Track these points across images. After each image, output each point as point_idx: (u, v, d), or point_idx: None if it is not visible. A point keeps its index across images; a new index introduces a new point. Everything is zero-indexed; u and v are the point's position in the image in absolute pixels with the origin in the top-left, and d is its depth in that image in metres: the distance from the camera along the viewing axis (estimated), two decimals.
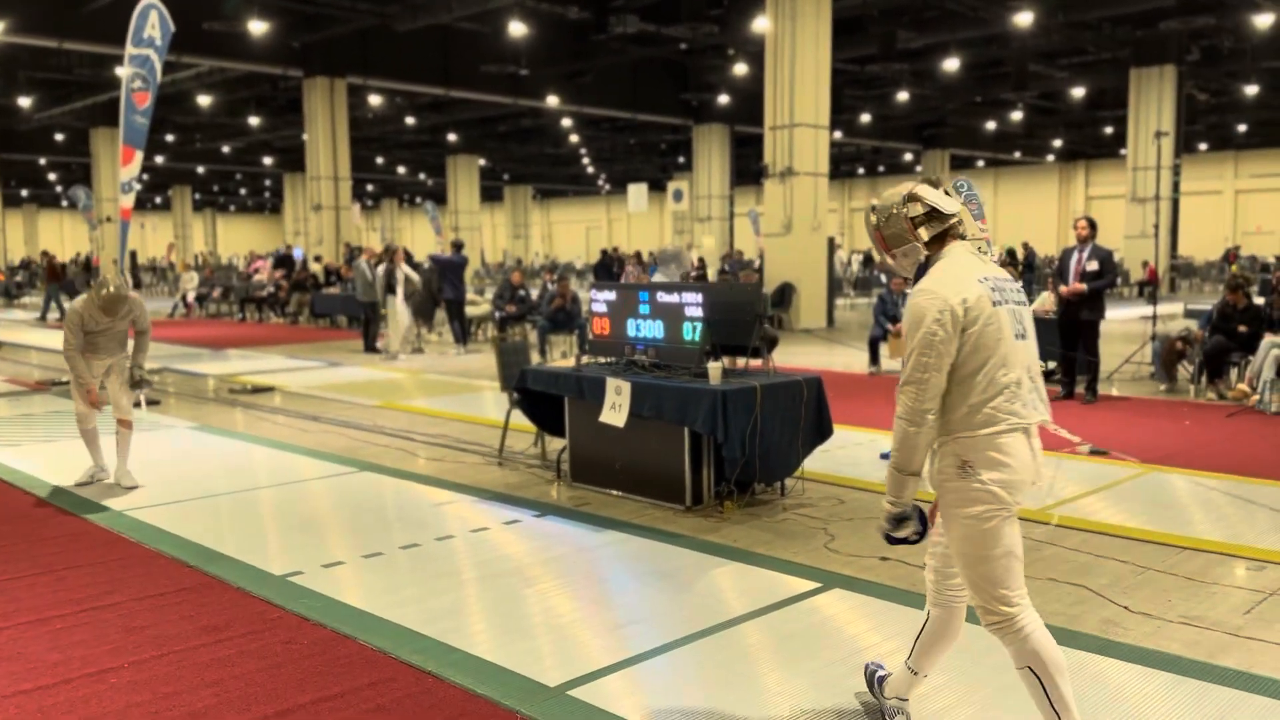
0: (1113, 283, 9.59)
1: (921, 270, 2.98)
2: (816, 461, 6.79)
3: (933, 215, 2.96)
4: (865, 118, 31.27)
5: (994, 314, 2.81)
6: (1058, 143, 39.58)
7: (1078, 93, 28.44)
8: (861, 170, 48.81)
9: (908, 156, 41.94)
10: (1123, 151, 28.38)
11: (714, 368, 5.83)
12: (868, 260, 36.06)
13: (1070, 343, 9.83)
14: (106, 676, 3.68)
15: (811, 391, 6.11)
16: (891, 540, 2.95)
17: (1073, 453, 7.16)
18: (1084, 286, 9.48)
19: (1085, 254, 9.55)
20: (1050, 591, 4.50)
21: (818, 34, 17.47)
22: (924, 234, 2.96)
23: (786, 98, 17.39)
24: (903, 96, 28.51)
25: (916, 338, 2.81)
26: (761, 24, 18.44)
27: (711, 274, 23.70)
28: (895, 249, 3.03)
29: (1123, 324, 17.70)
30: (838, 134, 30.17)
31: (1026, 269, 23.71)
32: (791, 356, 12.99)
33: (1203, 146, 38.48)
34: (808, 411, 6.08)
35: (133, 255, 10.95)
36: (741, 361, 6.34)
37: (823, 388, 6.20)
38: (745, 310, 6.32)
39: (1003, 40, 22.89)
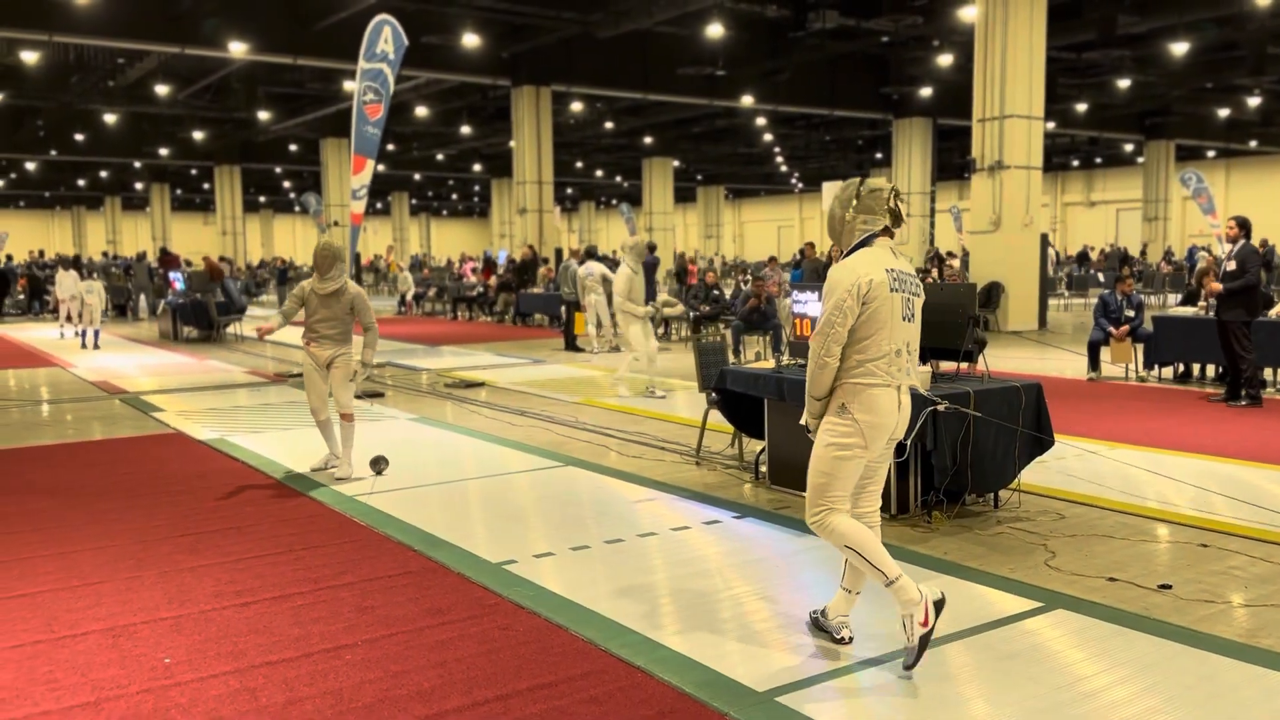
0: (1250, 283, 9.20)
1: (851, 251, 3.74)
2: (1033, 474, 6.45)
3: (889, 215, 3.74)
4: (1081, 107, 29.47)
5: (889, 297, 3.63)
6: None
7: None
8: (1076, 163, 46.04)
9: (1128, 147, 39.23)
10: None
11: (922, 372, 5.64)
12: (1082, 258, 34.00)
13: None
14: (342, 653, 3.95)
15: (1030, 398, 5.81)
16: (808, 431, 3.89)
17: None
18: (1219, 286, 9.39)
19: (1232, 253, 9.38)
20: None
21: (1031, 20, 16.64)
22: (875, 222, 3.73)
23: (997, 88, 16.65)
24: (1123, 84, 26.68)
25: (831, 300, 3.63)
26: (970, 12, 17.74)
27: None
28: (845, 226, 3.78)
29: None
30: (1051, 124, 28.54)
31: (1265, 268, 21.65)
32: (1001, 360, 12.40)
33: None
34: (1025, 420, 5.78)
35: (356, 257, 11.76)
36: (951, 365, 6.11)
37: (1042, 395, 5.89)
38: (956, 312, 6.06)
39: (1237, 22, 20.99)
